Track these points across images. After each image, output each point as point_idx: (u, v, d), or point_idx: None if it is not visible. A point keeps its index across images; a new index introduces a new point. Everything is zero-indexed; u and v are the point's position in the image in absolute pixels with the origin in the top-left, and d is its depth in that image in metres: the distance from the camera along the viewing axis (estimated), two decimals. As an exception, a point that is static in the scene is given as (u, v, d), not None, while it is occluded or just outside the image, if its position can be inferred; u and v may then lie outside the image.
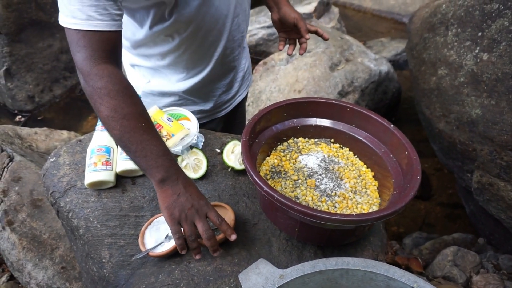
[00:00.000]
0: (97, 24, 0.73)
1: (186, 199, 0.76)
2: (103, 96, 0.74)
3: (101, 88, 0.74)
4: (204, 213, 0.77)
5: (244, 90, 1.31)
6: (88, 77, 0.75)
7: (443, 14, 1.68)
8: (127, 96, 0.76)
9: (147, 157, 0.75)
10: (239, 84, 1.26)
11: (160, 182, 0.76)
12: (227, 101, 1.26)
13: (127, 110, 0.74)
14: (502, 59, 1.35)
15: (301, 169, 0.92)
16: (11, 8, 2.71)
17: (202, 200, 0.78)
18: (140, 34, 0.96)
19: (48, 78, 3.09)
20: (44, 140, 2.14)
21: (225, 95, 1.23)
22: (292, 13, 1.10)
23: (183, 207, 0.75)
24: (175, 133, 0.98)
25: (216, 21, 0.98)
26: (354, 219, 0.69)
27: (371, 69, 2.56)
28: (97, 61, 0.75)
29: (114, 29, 0.76)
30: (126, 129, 0.74)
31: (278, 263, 0.85)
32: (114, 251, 0.88)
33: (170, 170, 0.77)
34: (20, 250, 1.48)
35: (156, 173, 0.76)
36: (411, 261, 1.69)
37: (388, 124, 0.90)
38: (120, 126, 0.74)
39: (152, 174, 0.76)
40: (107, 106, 0.73)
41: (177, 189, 0.77)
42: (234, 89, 1.25)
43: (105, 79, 0.74)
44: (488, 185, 1.53)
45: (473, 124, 1.49)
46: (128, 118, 0.74)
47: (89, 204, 0.94)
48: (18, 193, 1.62)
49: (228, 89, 1.22)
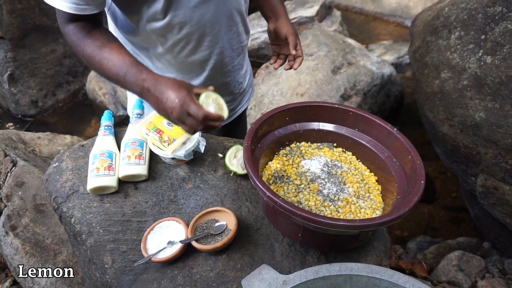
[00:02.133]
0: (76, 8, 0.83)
1: (164, 105, 0.79)
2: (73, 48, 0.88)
3: (70, 43, 0.88)
4: (185, 111, 0.78)
5: (245, 102, 1.31)
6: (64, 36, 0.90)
7: (446, 17, 1.68)
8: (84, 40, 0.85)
9: (119, 82, 0.84)
10: (241, 96, 1.26)
11: (140, 95, 0.84)
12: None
13: (85, 52, 0.85)
14: (506, 62, 1.34)
15: (303, 174, 0.92)
16: (15, 14, 2.73)
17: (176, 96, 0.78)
18: (135, 32, 0.96)
19: (52, 82, 3.11)
20: (47, 145, 2.14)
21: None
22: (286, 25, 1.08)
23: (167, 114, 0.80)
24: (176, 138, 0.98)
25: (212, 26, 0.97)
26: (357, 224, 0.68)
27: (373, 72, 2.56)
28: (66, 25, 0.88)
29: (89, 13, 0.85)
30: (94, 67, 0.86)
31: (281, 268, 0.85)
32: (116, 257, 0.88)
33: (137, 84, 0.82)
34: (23, 255, 1.48)
35: (134, 91, 0.84)
36: (415, 266, 1.68)
37: (391, 128, 0.90)
38: (90, 64, 0.87)
39: (133, 92, 0.84)
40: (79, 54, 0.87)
41: (153, 98, 0.81)
42: (235, 101, 1.24)
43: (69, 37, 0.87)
44: (493, 189, 1.52)
45: (477, 127, 1.48)
46: (88, 58, 0.86)
47: (92, 209, 0.94)
48: (21, 198, 1.63)
49: (228, 100, 1.21)
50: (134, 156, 0.98)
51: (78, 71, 3.30)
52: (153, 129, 0.99)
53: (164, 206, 0.96)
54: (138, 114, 1.07)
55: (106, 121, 1.07)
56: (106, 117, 1.08)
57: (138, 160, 0.98)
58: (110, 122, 1.08)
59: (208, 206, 0.95)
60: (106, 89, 3.01)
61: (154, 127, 0.99)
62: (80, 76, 3.30)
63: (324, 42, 2.71)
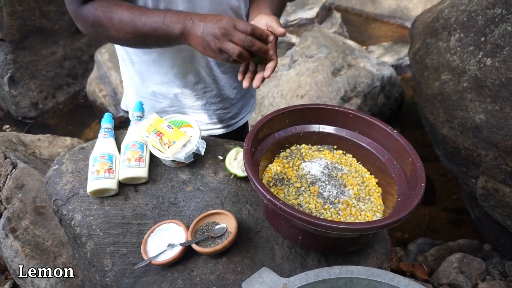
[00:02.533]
0: None
1: (208, 29, 0.77)
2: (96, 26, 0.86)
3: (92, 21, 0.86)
4: (232, 26, 0.76)
5: (247, 114, 1.30)
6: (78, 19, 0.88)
7: (445, 19, 1.68)
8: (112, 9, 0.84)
9: (157, 29, 0.81)
10: (240, 105, 1.25)
11: (183, 35, 0.80)
12: (226, 119, 1.24)
13: (114, 21, 0.84)
14: (506, 64, 1.34)
15: (304, 176, 0.92)
16: (15, 16, 2.73)
17: (222, 18, 0.77)
18: None
19: (52, 85, 3.12)
20: (47, 147, 2.15)
21: (222, 112, 1.21)
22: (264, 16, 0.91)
23: (213, 37, 0.77)
24: (176, 140, 0.98)
25: None
26: (358, 227, 0.68)
27: (373, 74, 2.56)
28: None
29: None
30: (126, 30, 0.83)
31: (282, 271, 0.85)
32: (116, 259, 0.88)
33: (179, 19, 0.80)
34: (23, 258, 1.48)
35: (175, 32, 0.80)
36: (416, 268, 1.68)
37: (391, 131, 0.90)
38: (120, 31, 0.84)
39: (174, 37, 0.81)
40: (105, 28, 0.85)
41: (197, 28, 0.78)
42: (233, 107, 1.23)
43: (90, 15, 0.85)
44: (493, 191, 1.52)
45: (477, 129, 1.48)
46: (119, 25, 0.83)
47: (92, 212, 0.94)
48: (21, 200, 1.63)
49: (226, 107, 1.20)
50: (134, 158, 0.98)
51: (78, 73, 3.30)
52: (153, 131, 0.99)
53: (164, 209, 0.96)
54: (138, 116, 1.07)
55: (106, 124, 1.07)
56: (106, 119, 1.08)
57: (138, 163, 0.98)
58: (110, 125, 1.08)
59: (208, 208, 0.95)
60: (106, 91, 3.01)
61: (154, 130, 0.99)
62: (80, 78, 3.31)
63: (324, 44, 2.71)
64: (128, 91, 1.23)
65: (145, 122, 1.01)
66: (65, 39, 3.15)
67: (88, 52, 3.33)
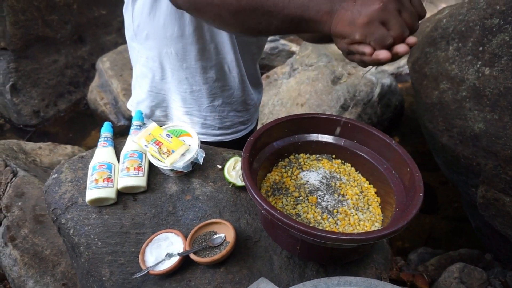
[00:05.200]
0: None
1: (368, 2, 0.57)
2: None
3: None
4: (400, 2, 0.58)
5: (255, 121, 1.31)
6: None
7: (443, 29, 1.69)
8: None
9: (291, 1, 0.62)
10: (253, 111, 1.25)
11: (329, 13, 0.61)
12: (236, 124, 1.23)
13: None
14: (504, 74, 1.35)
15: (302, 186, 0.92)
16: (18, 25, 2.76)
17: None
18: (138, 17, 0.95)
19: (53, 93, 3.14)
20: (48, 155, 2.15)
21: (235, 115, 1.21)
22: None
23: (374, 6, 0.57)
24: (175, 149, 0.98)
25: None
26: (355, 238, 0.68)
27: (373, 83, 2.57)
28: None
29: None
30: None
31: (280, 281, 0.84)
32: (114, 269, 0.87)
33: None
34: (22, 267, 1.48)
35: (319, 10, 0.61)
36: (416, 278, 1.66)
37: (389, 140, 0.90)
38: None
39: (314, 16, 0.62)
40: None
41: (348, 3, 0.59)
42: (246, 113, 1.23)
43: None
44: (493, 200, 1.51)
45: (476, 138, 1.48)
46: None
47: (90, 221, 0.94)
48: (21, 209, 1.63)
49: (240, 110, 1.20)
50: (133, 167, 0.98)
51: (80, 81, 3.32)
52: (152, 140, 0.99)
53: (163, 218, 0.96)
54: (137, 125, 1.08)
55: (105, 133, 1.08)
56: (106, 128, 1.09)
57: (137, 172, 0.98)
58: (109, 134, 1.08)
59: (206, 218, 0.95)
60: (108, 99, 3.03)
61: (153, 139, 0.99)
62: (81, 86, 3.33)
63: (324, 52, 2.73)
64: (137, 89, 1.20)
65: (144, 131, 1.01)
66: (67, 47, 3.17)
67: (90, 60, 3.36)
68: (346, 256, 0.84)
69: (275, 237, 0.87)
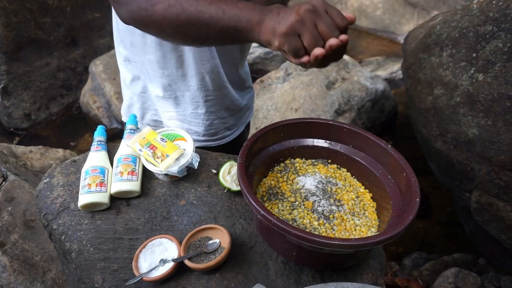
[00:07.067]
0: None
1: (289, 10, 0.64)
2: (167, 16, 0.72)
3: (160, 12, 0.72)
4: (324, 8, 0.64)
5: (242, 125, 1.29)
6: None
7: (437, 35, 1.70)
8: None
9: (225, 12, 0.68)
10: (238, 116, 1.24)
11: (258, 23, 0.67)
12: (222, 130, 1.22)
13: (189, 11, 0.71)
14: (497, 80, 1.36)
15: (298, 191, 0.91)
16: (10, 27, 2.73)
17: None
18: None
19: (45, 96, 3.10)
20: (39, 159, 2.12)
21: (220, 122, 1.19)
22: None
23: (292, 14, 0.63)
24: (170, 154, 0.97)
25: None
26: (352, 244, 0.67)
27: (367, 88, 2.58)
28: None
29: None
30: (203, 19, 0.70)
31: (275, 287, 0.83)
32: (107, 276, 0.85)
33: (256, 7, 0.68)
34: (11, 273, 1.45)
35: (249, 20, 0.67)
36: (411, 283, 1.66)
37: (385, 145, 0.90)
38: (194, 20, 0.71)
39: (245, 26, 0.68)
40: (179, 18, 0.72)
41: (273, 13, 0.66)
42: (230, 119, 1.22)
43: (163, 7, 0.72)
44: (487, 205, 1.52)
45: (470, 144, 1.49)
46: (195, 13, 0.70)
47: (83, 226, 0.92)
48: (11, 214, 1.59)
49: (224, 116, 1.19)
50: (126, 172, 0.97)
51: (72, 84, 3.29)
52: (147, 144, 0.98)
53: (157, 223, 0.94)
54: (131, 129, 1.06)
55: (99, 136, 1.06)
56: (99, 132, 1.07)
57: (130, 176, 0.97)
58: (103, 137, 1.07)
59: (201, 223, 0.94)
60: (100, 103, 3.00)
61: (148, 143, 0.98)
62: (74, 89, 3.29)
63: (318, 57, 2.73)
64: (126, 93, 1.21)
65: (139, 135, 1.00)
66: (60, 50, 3.14)
67: (83, 63, 3.33)
68: (343, 262, 0.84)
69: (270, 243, 0.86)
